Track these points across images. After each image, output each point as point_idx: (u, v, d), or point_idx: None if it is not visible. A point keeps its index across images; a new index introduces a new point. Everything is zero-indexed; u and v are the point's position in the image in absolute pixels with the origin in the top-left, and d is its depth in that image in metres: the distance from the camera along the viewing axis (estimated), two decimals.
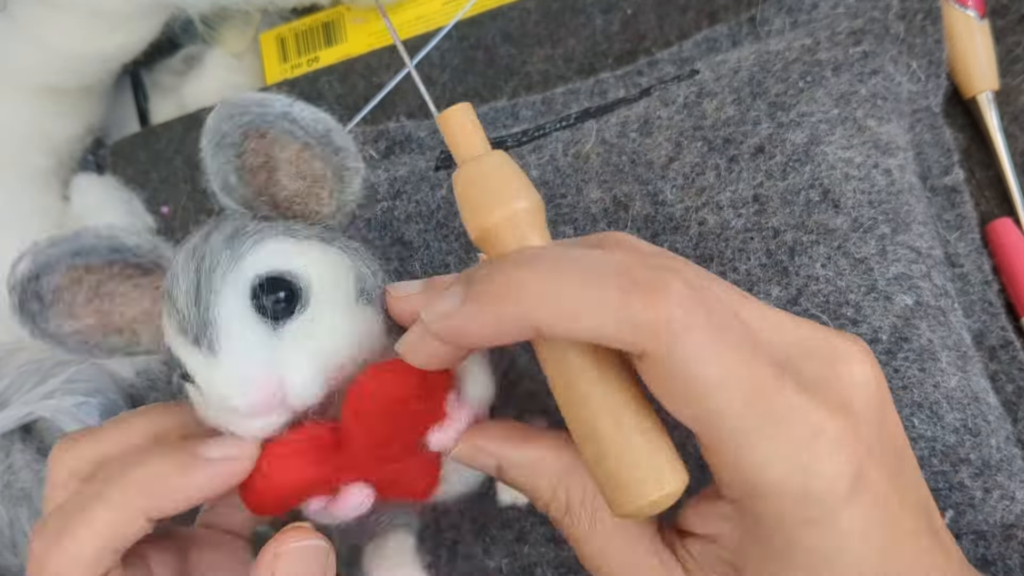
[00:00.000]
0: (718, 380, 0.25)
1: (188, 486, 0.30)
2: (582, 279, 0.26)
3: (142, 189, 0.63)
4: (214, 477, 0.30)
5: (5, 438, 0.55)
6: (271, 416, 0.30)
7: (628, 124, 0.44)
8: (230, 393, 0.29)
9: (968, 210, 0.45)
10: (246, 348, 0.29)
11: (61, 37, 0.60)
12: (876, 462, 0.27)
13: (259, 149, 0.31)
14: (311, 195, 0.33)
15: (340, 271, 0.32)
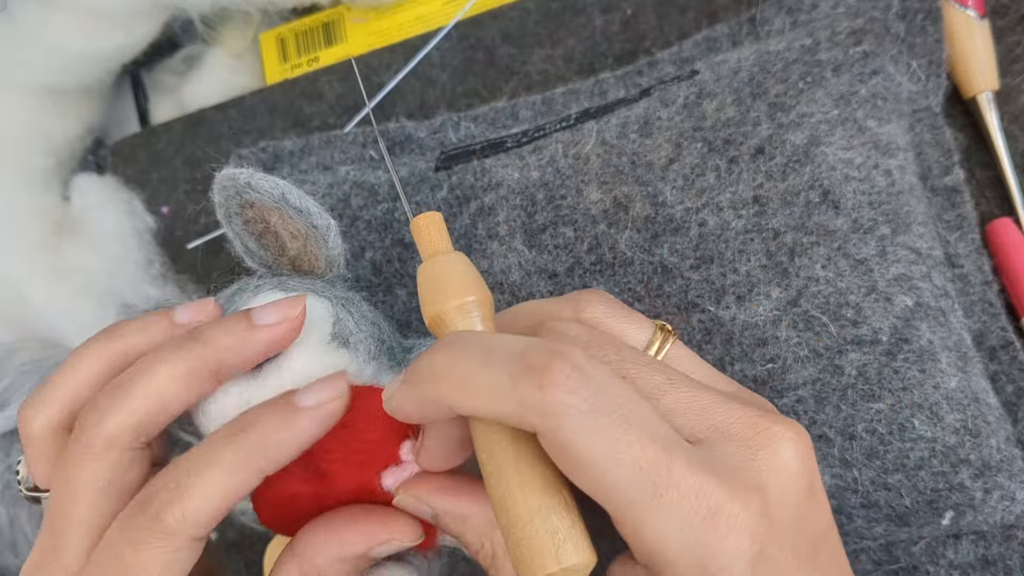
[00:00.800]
0: (602, 458, 0.27)
1: (294, 438, 0.32)
2: (482, 362, 0.28)
3: (142, 189, 0.63)
4: (313, 423, 0.32)
5: (5, 438, 0.55)
6: None
7: (628, 125, 0.44)
8: (208, 426, 0.35)
9: (968, 210, 0.45)
10: (223, 391, 0.34)
11: (61, 37, 0.60)
12: (786, 544, 0.28)
13: (257, 216, 0.36)
14: (308, 252, 0.38)
15: (317, 317, 0.36)
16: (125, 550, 0.31)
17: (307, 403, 0.32)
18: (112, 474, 0.33)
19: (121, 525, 0.32)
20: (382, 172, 0.49)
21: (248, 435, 0.32)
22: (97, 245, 0.61)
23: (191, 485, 0.31)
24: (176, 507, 0.31)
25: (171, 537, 0.31)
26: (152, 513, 0.31)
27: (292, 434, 0.32)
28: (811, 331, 0.39)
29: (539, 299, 0.37)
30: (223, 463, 0.32)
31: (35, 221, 0.63)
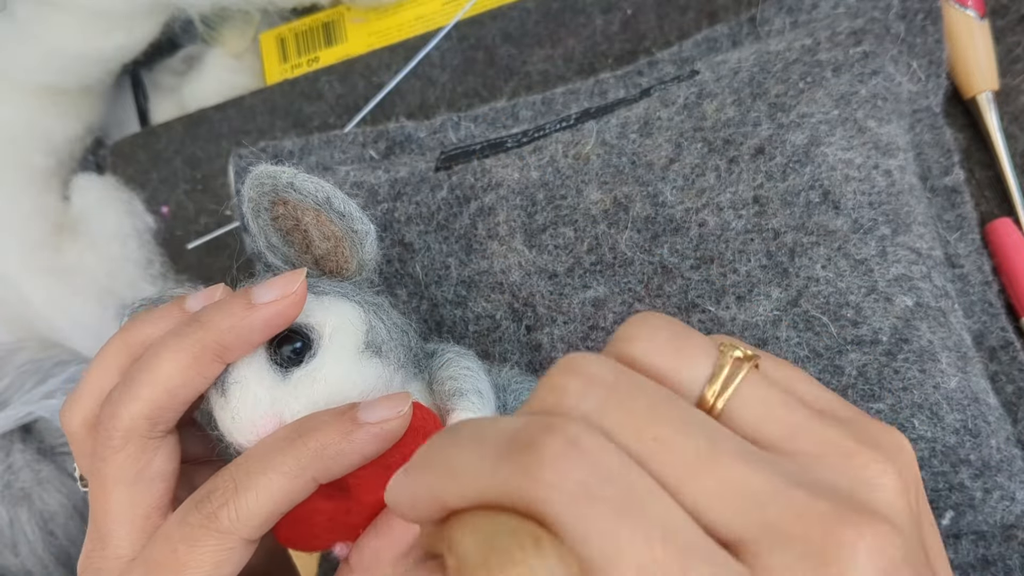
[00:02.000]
0: (598, 554, 0.21)
1: (353, 451, 0.32)
2: (469, 446, 0.24)
3: (142, 189, 0.63)
4: (372, 440, 0.32)
5: (5, 438, 0.55)
6: None
7: (628, 125, 0.44)
8: (232, 430, 0.34)
9: (968, 210, 0.45)
10: (252, 396, 0.34)
11: (61, 37, 0.60)
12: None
13: (287, 214, 0.36)
14: (338, 254, 0.37)
15: (350, 324, 0.35)
16: (179, 546, 0.32)
17: (369, 419, 0.33)
18: (135, 465, 0.34)
19: (178, 520, 0.33)
20: (381, 172, 0.49)
21: (307, 443, 0.32)
22: (97, 245, 0.61)
23: (247, 487, 0.32)
24: (231, 507, 0.32)
25: (225, 536, 0.32)
26: (208, 512, 0.32)
27: (351, 447, 0.32)
28: (811, 331, 0.39)
29: None
30: (281, 468, 0.32)
31: (35, 221, 0.63)
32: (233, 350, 0.34)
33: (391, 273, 0.46)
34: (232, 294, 0.35)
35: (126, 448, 0.34)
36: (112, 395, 0.34)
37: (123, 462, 0.34)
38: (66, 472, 0.56)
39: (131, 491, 0.34)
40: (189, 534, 0.32)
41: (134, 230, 0.61)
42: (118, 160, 0.65)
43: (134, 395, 0.34)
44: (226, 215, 0.61)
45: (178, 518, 0.33)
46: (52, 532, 0.55)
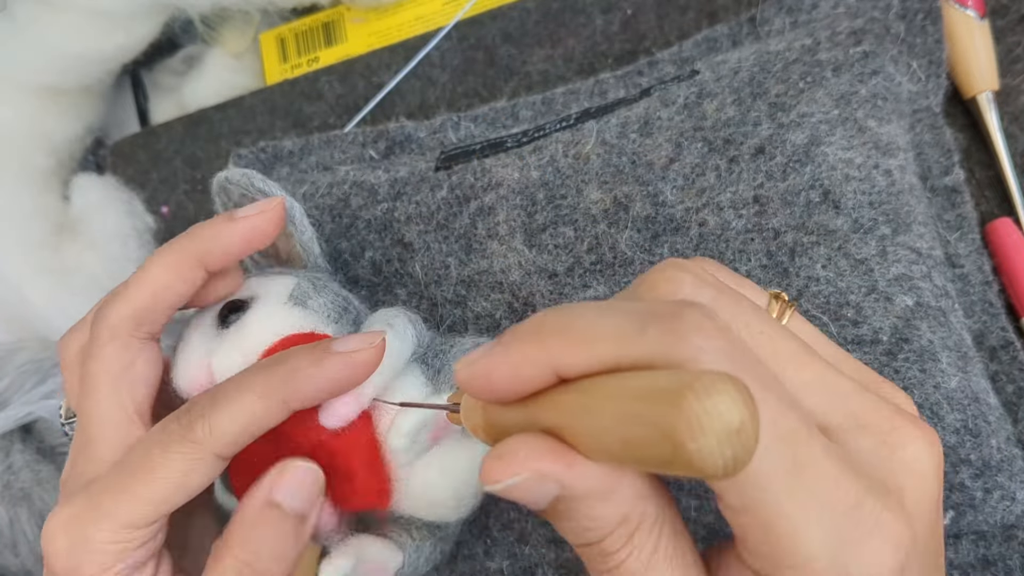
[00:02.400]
0: None
1: (320, 377, 0.34)
2: (598, 312, 0.25)
3: (142, 189, 0.63)
4: (344, 367, 0.34)
5: (5, 438, 0.55)
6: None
7: (628, 125, 0.44)
8: (175, 378, 0.38)
9: (968, 210, 0.45)
10: (191, 347, 0.38)
11: (61, 37, 0.60)
12: (924, 560, 0.25)
13: None
14: (291, 249, 0.42)
15: (279, 286, 0.39)
16: (154, 449, 0.33)
17: (340, 348, 0.34)
18: (121, 360, 0.36)
19: (158, 428, 0.34)
20: (381, 172, 0.49)
21: (280, 367, 0.34)
22: (97, 245, 0.61)
23: (222, 405, 0.34)
24: (206, 421, 0.33)
25: (196, 447, 0.33)
26: (185, 422, 0.34)
27: (321, 372, 0.34)
28: None
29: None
30: (254, 388, 0.34)
31: (35, 221, 0.63)
32: (214, 257, 0.37)
33: (391, 272, 0.46)
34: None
35: (112, 343, 0.36)
36: (103, 300, 0.37)
37: (109, 356, 0.36)
38: None
39: (116, 388, 0.36)
40: (164, 440, 0.33)
41: (134, 230, 0.61)
42: (118, 160, 0.65)
43: (121, 297, 0.36)
44: None
45: (159, 427, 0.34)
46: None
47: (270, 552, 0.34)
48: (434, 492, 0.38)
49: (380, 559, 0.37)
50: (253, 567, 0.34)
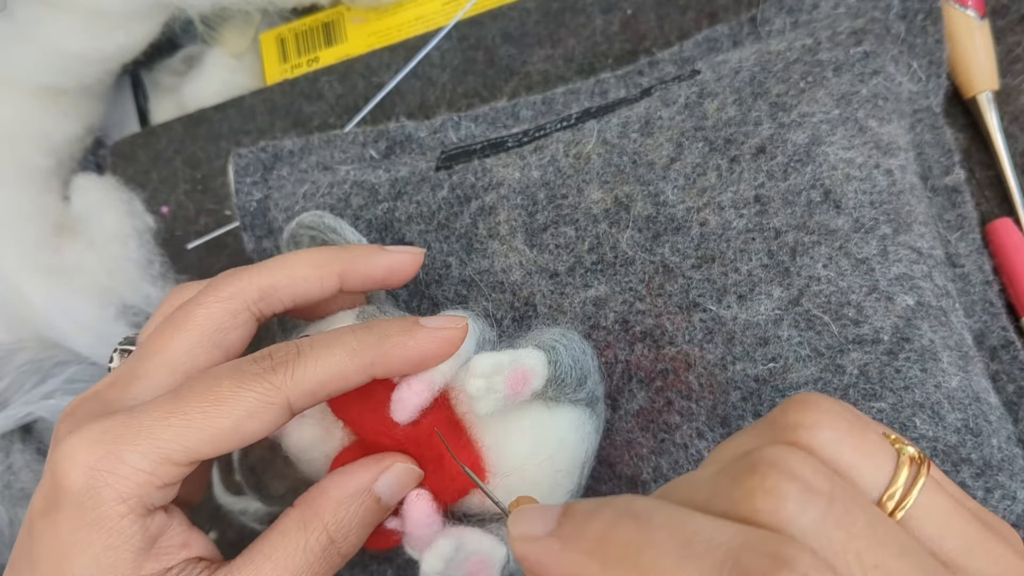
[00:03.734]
0: None
1: (411, 346, 0.34)
2: (679, 553, 0.22)
3: (142, 189, 0.63)
4: (431, 341, 0.34)
5: (5, 438, 0.55)
6: None
7: (629, 124, 0.44)
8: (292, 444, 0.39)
9: (969, 210, 0.45)
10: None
11: (61, 37, 0.60)
12: None
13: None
14: None
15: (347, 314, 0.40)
16: (225, 383, 0.32)
17: (429, 324, 0.35)
18: (223, 320, 0.35)
19: (232, 364, 0.33)
20: (382, 172, 0.49)
21: (371, 330, 0.34)
22: (97, 245, 0.61)
23: (311, 354, 0.33)
24: (289, 367, 0.33)
25: (272, 390, 0.32)
26: (268, 364, 0.33)
27: (412, 340, 0.34)
28: (812, 330, 0.39)
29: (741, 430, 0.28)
30: (344, 344, 0.34)
31: (35, 221, 0.63)
32: (355, 275, 0.38)
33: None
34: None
35: (227, 302, 0.35)
36: (238, 270, 0.37)
37: (217, 311, 0.35)
38: None
39: (201, 341, 0.35)
40: (239, 376, 0.32)
41: (134, 230, 0.61)
42: (118, 160, 0.65)
43: (256, 269, 0.36)
44: (226, 215, 0.61)
45: (232, 364, 0.33)
46: None
47: (358, 538, 0.35)
48: (526, 453, 0.36)
49: (483, 550, 0.35)
50: (338, 546, 0.34)
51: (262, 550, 0.34)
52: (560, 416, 0.37)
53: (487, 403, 0.34)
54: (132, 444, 0.31)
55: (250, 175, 0.54)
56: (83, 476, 0.31)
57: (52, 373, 0.57)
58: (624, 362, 0.41)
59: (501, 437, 0.36)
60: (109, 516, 0.31)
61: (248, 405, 0.32)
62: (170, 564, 0.33)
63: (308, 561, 0.33)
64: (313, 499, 0.35)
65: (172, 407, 0.31)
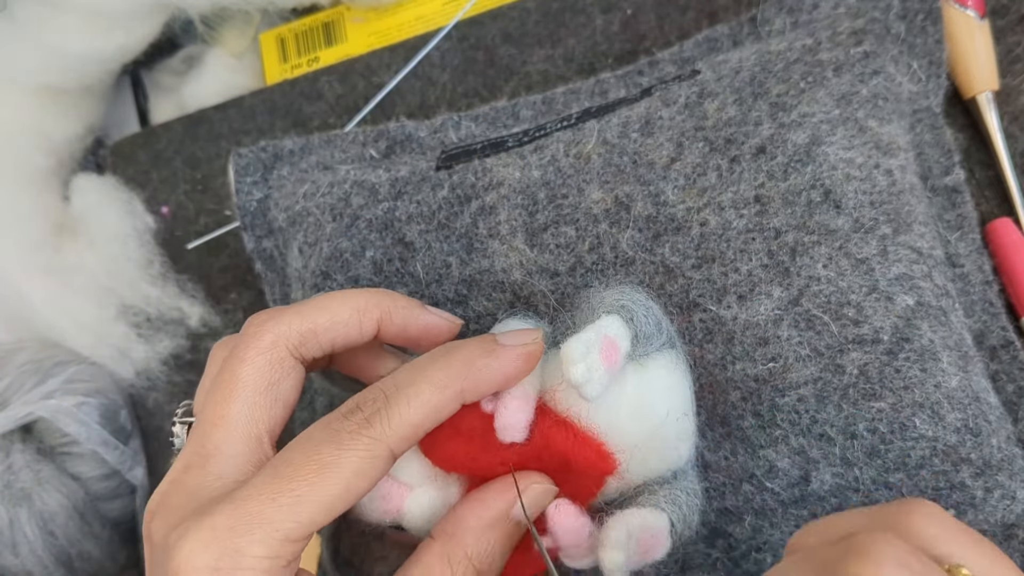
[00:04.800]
0: None
1: (496, 368, 0.34)
2: None
3: (142, 189, 0.63)
4: (515, 359, 0.34)
5: (5, 438, 0.55)
6: None
7: (629, 124, 0.44)
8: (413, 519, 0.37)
9: (969, 210, 0.45)
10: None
11: (61, 37, 0.60)
12: None
13: None
14: None
15: None
16: (324, 448, 0.31)
17: (508, 342, 0.34)
18: (272, 373, 0.34)
19: (323, 426, 0.32)
20: (382, 171, 0.49)
21: (454, 357, 0.34)
22: (97, 245, 0.61)
23: (399, 397, 0.32)
24: (384, 415, 0.32)
25: (374, 443, 0.31)
26: (359, 418, 0.32)
27: (496, 362, 0.34)
28: (812, 330, 0.39)
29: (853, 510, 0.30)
30: (431, 379, 0.33)
31: (35, 221, 0.63)
32: (389, 328, 0.36)
33: (392, 272, 0.46)
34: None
35: (270, 352, 0.34)
36: (276, 310, 0.35)
37: (261, 365, 0.34)
38: (66, 472, 0.56)
39: (257, 400, 0.33)
40: (336, 437, 0.31)
41: (134, 230, 0.61)
42: (118, 160, 0.65)
43: (296, 311, 0.35)
44: (226, 215, 0.61)
45: (320, 425, 0.32)
46: (52, 532, 0.55)
47: (500, 565, 0.34)
48: (643, 418, 0.36)
49: (648, 523, 0.34)
50: (478, 568, 0.34)
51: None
52: (655, 368, 0.36)
53: (593, 384, 0.33)
54: (248, 535, 0.29)
55: (250, 175, 0.54)
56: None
57: (52, 373, 0.58)
58: None
59: (612, 415, 0.35)
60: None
61: (354, 466, 0.31)
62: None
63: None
64: (453, 529, 0.34)
65: (278, 486, 0.30)
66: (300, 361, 0.35)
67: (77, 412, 0.56)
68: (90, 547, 0.56)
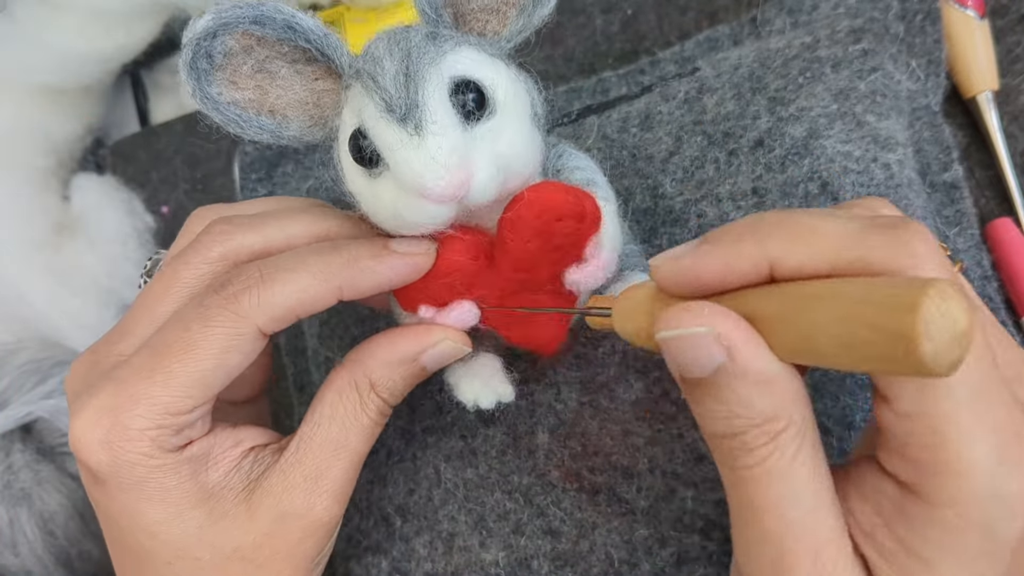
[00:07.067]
0: None
1: (380, 270, 0.34)
2: (820, 216, 0.26)
3: (142, 189, 0.63)
4: (401, 266, 0.34)
5: (5, 438, 0.55)
6: (449, 207, 0.32)
7: (629, 119, 0.45)
8: (427, 173, 0.31)
9: (967, 206, 0.45)
10: (449, 135, 0.31)
11: (61, 37, 0.60)
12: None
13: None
14: (498, 12, 0.35)
15: (520, 90, 0.34)
16: (193, 325, 0.32)
17: (399, 249, 0.34)
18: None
19: (195, 303, 0.33)
20: None
21: (340, 252, 0.34)
22: (97, 245, 0.61)
23: (275, 279, 0.33)
24: (254, 292, 0.32)
25: (241, 320, 0.32)
26: (229, 293, 0.32)
27: (380, 265, 0.34)
28: None
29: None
30: (311, 268, 0.33)
31: (35, 221, 0.63)
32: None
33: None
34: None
35: (218, 264, 0.34)
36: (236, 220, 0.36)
37: (203, 276, 0.34)
38: (66, 472, 0.56)
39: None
40: (204, 314, 0.32)
41: (134, 230, 0.61)
42: (118, 160, 0.65)
43: (254, 227, 0.35)
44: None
45: (195, 302, 0.33)
46: (52, 532, 0.55)
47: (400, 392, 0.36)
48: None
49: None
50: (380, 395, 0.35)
51: (324, 412, 0.35)
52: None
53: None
54: (130, 411, 0.32)
55: (255, 171, 0.54)
56: (104, 452, 0.32)
57: (52, 373, 0.57)
58: (621, 352, 0.41)
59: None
60: (146, 467, 0.32)
61: (221, 342, 0.32)
62: (229, 467, 0.34)
63: (371, 420, 0.36)
64: (362, 359, 0.35)
65: (153, 363, 0.32)
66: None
67: None
68: (90, 547, 0.56)
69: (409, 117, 0.31)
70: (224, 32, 0.32)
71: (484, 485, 0.42)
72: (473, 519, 0.43)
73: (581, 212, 0.33)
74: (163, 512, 0.33)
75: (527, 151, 0.34)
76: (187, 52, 0.32)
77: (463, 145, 0.31)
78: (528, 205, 0.33)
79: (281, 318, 0.33)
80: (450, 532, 0.43)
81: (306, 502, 0.35)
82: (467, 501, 0.43)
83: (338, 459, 0.35)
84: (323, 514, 0.35)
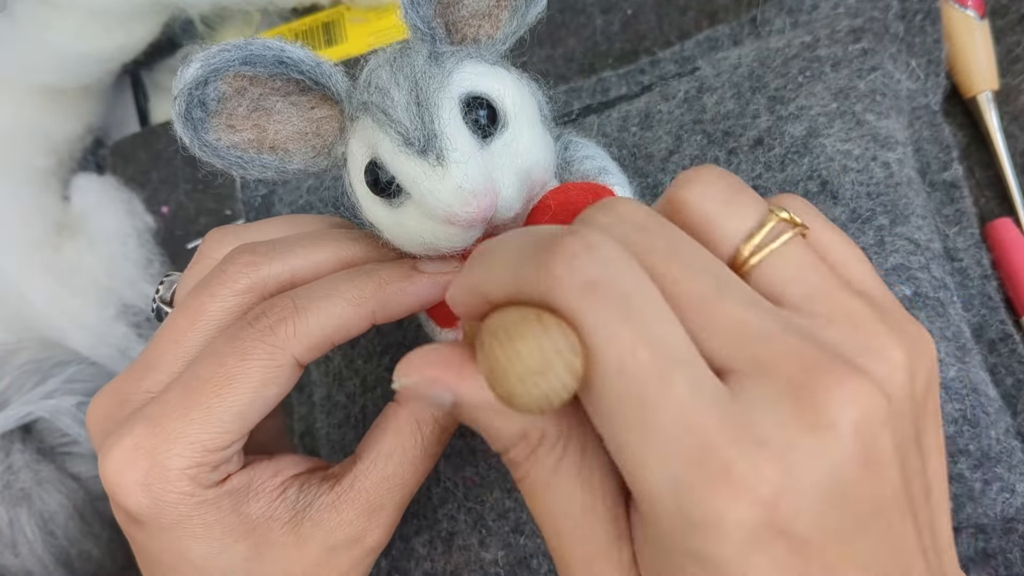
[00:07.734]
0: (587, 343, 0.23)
1: (411, 291, 0.34)
2: (507, 248, 0.26)
3: (142, 189, 0.63)
4: (432, 287, 0.34)
5: (5, 438, 0.55)
6: (479, 228, 0.32)
7: (629, 118, 0.45)
8: (455, 202, 0.31)
9: (967, 205, 0.45)
10: (472, 160, 0.31)
11: (61, 37, 0.60)
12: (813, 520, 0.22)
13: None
14: (489, 16, 0.34)
15: (527, 95, 0.34)
16: (228, 359, 0.32)
17: (427, 269, 0.34)
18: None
19: (229, 336, 0.32)
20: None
21: (371, 277, 0.34)
22: (97, 245, 0.61)
23: (308, 308, 0.32)
24: (290, 324, 0.32)
25: (278, 352, 0.32)
26: (264, 326, 0.32)
27: (411, 287, 0.34)
28: None
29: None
30: (345, 295, 0.33)
31: (35, 221, 0.63)
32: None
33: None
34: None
35: (245, 296, 0.34)
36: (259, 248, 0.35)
37: (231, 306, 0.34)
38: (66, 472, 0.56)
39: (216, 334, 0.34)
40: (240, 347, 0.32)
41: (134, 230, 0.61)
42: (118, 160, 0.65)
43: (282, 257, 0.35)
44: (226, 215, 0.61)
45: (229, 335, 0.32)
46: (52, 532, 0.55)
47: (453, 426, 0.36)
48: None
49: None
50: (443, 426, 0.36)
51: (382, 450, 0.35)
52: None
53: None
54: (167, 451, 0.31)
55: None
56: (143, 494, 0.31)
57: (52, 373, 0.57)
58: None
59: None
60: (187, 505, 0.32)
61: (259, 375, 0.32)
62: (271, 498, 0.34)
63: (428, 453, 0.35)
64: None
65: (187, 400, 0.31)
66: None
67: (77, 412, 0.55)
68: (90, 547, 0.56)
69: (429, 149, 0.31)
70: (215, 78, 0.32)
71: (483, 484, 0.42)
72: (472, 518, 0.43)
73: None
74: (208, 547, 0.33)
75: (543, 156, 0.33)
76: (179, 103, 0.32)
77: (485, 167, 0.31)
78: (556, 215, 0.33)
79: (317, 347, 0.33)
80: (449, 531, 0.43)
81: (359, 535, 0.35)
82: (466, 500, 0.43)
83: (393, 496, 0.35)
84: (373, 543, 0.35)
